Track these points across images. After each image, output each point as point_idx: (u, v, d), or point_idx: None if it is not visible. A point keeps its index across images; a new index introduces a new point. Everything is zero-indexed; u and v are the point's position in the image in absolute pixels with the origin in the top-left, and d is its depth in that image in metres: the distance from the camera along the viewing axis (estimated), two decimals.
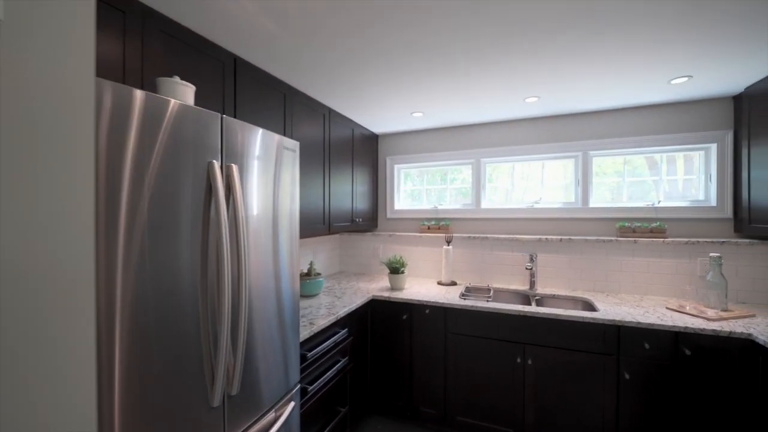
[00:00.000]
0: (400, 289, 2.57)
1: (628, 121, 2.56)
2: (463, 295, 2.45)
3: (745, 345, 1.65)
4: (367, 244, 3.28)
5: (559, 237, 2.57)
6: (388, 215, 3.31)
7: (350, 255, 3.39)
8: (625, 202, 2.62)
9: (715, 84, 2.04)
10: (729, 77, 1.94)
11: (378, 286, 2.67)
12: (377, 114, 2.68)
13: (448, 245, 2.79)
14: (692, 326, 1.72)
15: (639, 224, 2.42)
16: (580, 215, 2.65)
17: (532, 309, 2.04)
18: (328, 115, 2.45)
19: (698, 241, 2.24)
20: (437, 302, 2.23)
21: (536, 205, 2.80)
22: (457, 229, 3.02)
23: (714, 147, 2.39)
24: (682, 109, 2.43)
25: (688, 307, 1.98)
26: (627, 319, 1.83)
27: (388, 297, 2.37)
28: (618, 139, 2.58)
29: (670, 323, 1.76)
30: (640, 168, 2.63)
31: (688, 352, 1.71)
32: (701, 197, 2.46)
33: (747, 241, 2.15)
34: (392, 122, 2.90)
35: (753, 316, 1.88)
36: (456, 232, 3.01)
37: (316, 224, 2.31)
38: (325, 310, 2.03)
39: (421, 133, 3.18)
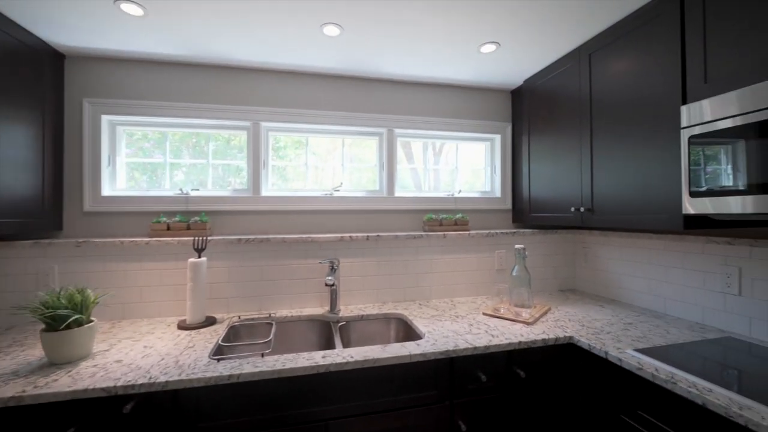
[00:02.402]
0: (73, 359, 1.19)
1: (432, 99, 2.22)
2: (218, 350, 1.37)
3: (566, 349, 1.43)
4: (27, 266, 1.62)
5: (366, 234, 1.92)
6: (88, 206, 1.77)
7: None
8: (428, 192, 2.29)
9: (517, 62, 1.89)
10: (531, 53, 1.79)
11: (17, 362, 1.18)
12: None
13: (199, 256, 1.63)
14: (524, 339, 1.36)
15: (445, 216, 2.10)
16: (386, 206, 2.11)
17: (336, 359, 1.22)
18: None
19: (496, 233, 2.09)
20: (155, 381, 1.06)
21: (336, 193, 2.07)
22: (223, 227, 1.89)
23: (498, 138, 2.37)
24: (476, 96, 2.29)
25: (502, 310, 1.71)
26: (461, 346, 1.31)
27: (22, 394, 0.98)
28: (422, 119, 2.19)
29: (504, 341, 1.35)
30: (435, 154, 2.35)
31: (522, 375, 1.34)
32: (487, 188, 2.42)
33: (530, 231, 2.16)
34: (90, 23, 1.45)
35: (549, 309, 1.79)
36: (220, 233, 1.88)
37: None
38: None
39: (156, 67, 1.85)
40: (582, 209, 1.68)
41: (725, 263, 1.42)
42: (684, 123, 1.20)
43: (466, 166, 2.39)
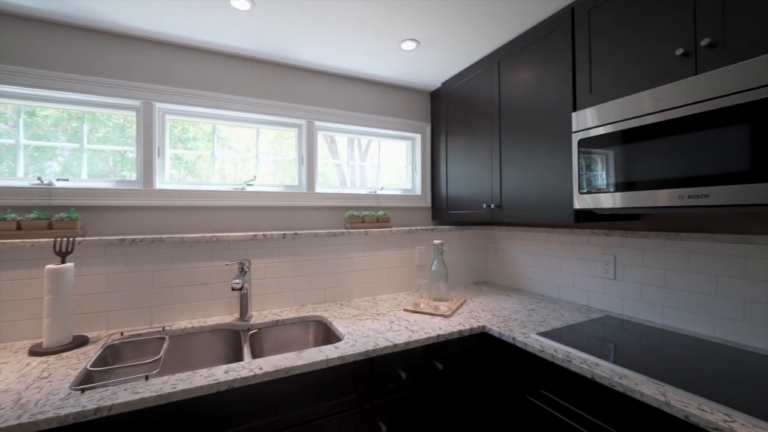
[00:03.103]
0: None
1: (354, 94, 2.17)
2: (86, 377, 1.11)
3: (480, 338, 1.50)
4: None
5: (283, 232, 1.77)
6: None
7: None
8: (350, 189, 2.23)
9: (436, 64, 1.94)
10: (449, 56, 1.85)
11: None
12: None
13: (63, 261, 1.31)
14: (442, 332, 1.38)
15: (367, 213, 2.06)
16: (306, 202, 1.99)
17: (242, 373, 1.08)
18: None
19: (416, 229, 2.13)
20: None
21: (249, 188, 1.87)
22: (104, 226, 1.56)
23: (419, 137, 2.43)
24: (397, 94, 2.31)
25: (422, 305, 1.73)
26: (381, 344, 1.27)
27: None
28: (343, 112, 2.12)
29: (422, 335, 1.35)
30: (362, 152, 2.32)
31: (440, 367, 1.36)
32: (408, 186, 2.46)
33: (447, 227, 2.25)
34: None
35: (465, 301, 1.87)
36: (97, 233, 1.54)
37: None
38: None
39: (11, 20, 1.44)
40: (492, 206, 1.80)
41: (604, 252, 1.65)
42: (574, 128, 1.35)
43: (389, 164, 2.40)
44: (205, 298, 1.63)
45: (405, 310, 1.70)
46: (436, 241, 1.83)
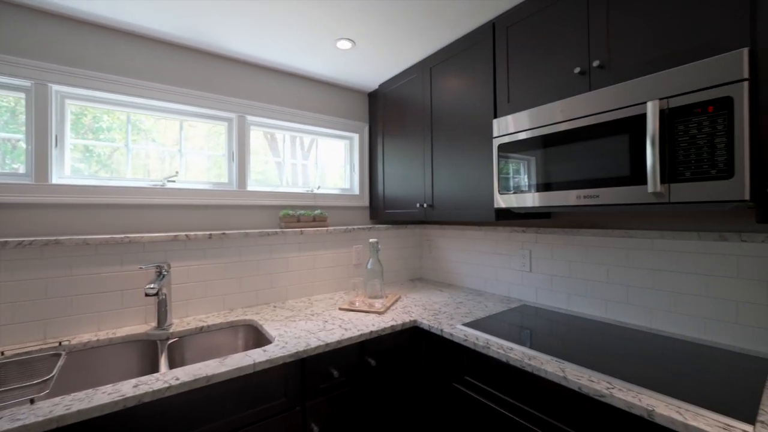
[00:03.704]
0: None
1: (290, 90, 2.11)
2: None
3: (412, 332, 1.55)
4: None
5: (209, 233, 1.66)
6: None
7: None
8: (285, 187, 2.16)
9: (372, 65, 1.96)
10: (385, 58, 1.89)
11: None
12: None
13: None
14: (375, 328, 1.41)
15: (303, 212, 2.02)
16: (237, 201, 1.88)
17: (155, 385, 0.99)
18: None
19: (353, 228, 2.14)
20: None
21: (171, 185, 1.72)
22: None
23: (357, 137, 2.45)
24: (336, 93, 2.30)
25: (358, 303, 1.74)
26: (312, 344, 1.25)
27: None
28: (279, 108, 2.06)
29: (355, 333, 1.36)
30: (304, 151, 2.26)
31: (373, 363, 1.38)
32: (347, 186, 2.47)
33: (384, 226, 2.30)
34: None
35: (399, 297, 1.92)
36: None
37: None
38: None
39: None
40: (425, 205, 1.88)
41: (522, 247, 1.82)
42: (495, 134, 1.46)
43: (330, 164, 2.38)
44: (114, 306, 1.45)
45: (340, 309, 1.70)
46: (371, 240, 1.86)
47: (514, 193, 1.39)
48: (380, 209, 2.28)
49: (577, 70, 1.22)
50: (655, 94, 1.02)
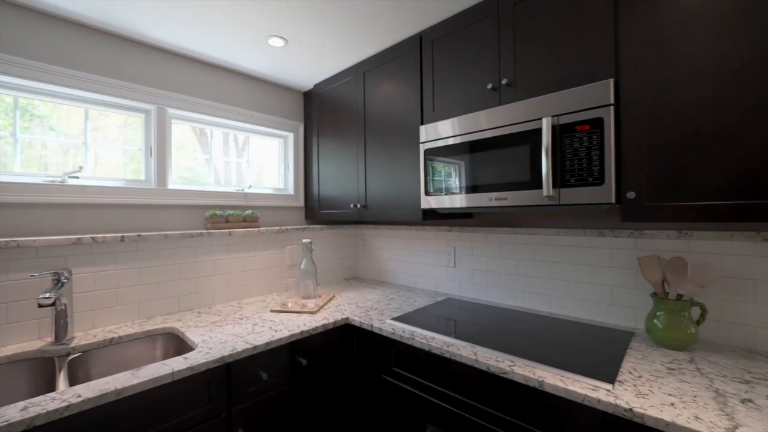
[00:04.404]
0: None
1: (220, 85, 2.01)
2: None
3: (344, 330, 1.59)
4: None
5: (121, 235, 1.51)
6: None
7: None
8: (213, 186, 2.05)
9: (306, 65, 1.95)
10: (319, 59, 1.89)
11: None
12: None
13: None
14: (306, 328, 1.42)
15: (232, 212, 1.93)
16: (156, 200, 1.74)
17: (49, 405, 0.89)
18: None
19: (287, 229, 2.11)
20: None
21: (73, 181, 1.53)
22: None
23: (291, 137, 2.41)
24: (269, 91, 2.24)
25: (290, 304, 1.73)
26: (239, 348, 1.22)
27: None
28: (208, 102, 1.95)
29: (286, 334, 1.36)
30: (215, 146, 2.16)
31: (304, 363, 1.39)
32: (281, 185, 2.42)
33: (319, 226, 2.30)
34: None
35: (333, 297, 1.95)
36: None
37: None
38: None
39: None
40: (359, 206, 1.93)
41: (447, 245, 1.97)
42: (422, 139, 1.57)
43: (265, 163, 2.30)
44: None
45: (272, 311, 1.67)
46: (305, 240, 1.85)
47: (439, 194, 1.51)
48: (316, 209, 2.28)
49: (489, 86, 1.37)
50: (549, 111, 1.19)
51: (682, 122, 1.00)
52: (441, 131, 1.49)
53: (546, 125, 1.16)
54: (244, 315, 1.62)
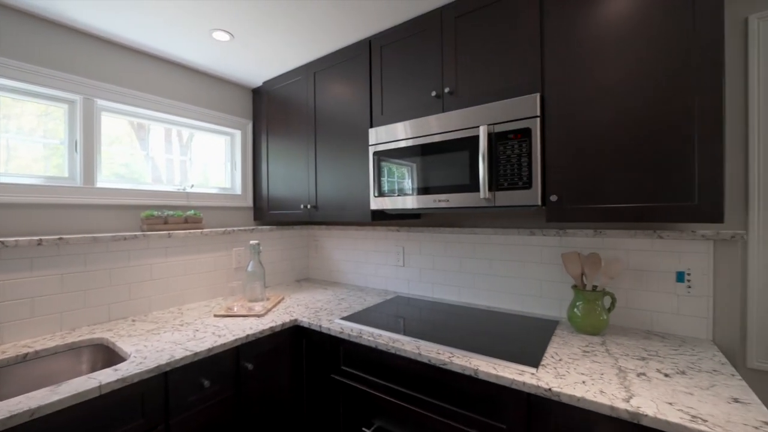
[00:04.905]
0: None
1: (159, 77, 1.88)
2: None
3: (293, 331, 1.57)
4: None
5: (38, 238, 1.36)
6: None
7: None
8: (150, 185, 1.92)
9: (254, 61, 1.90)
10: (267, 56, 1.85)
11: None
12: None
13: None
14: (252, 332, 1.39)
15: (172, 213, 1.83)
16: (82, 199, 1.59)
17: None
18: None
19: (234, 230, 2.03)
20: None
21: None
22: None
23: (239, 134, 2.33)
24: (215, 86, 2.14)
25: (236, 308, 1.67)
26: (178, 356, 1.16)
27: None
28: (145, 95, 1.82)
29: (230, 338, 1.32)
30: (156, 142, 2.04)
31: (250, 367, 1.36)
32: (228, 185, 2.33)
33: (269, 227, 2.25)
34: None
35: (283, 299, 1.92)
36: None
37: None
38: None
39: None
40: (309, 206, 1.92)
41: (396, 245, 2.03)
42: (371, 142, 1.61)
43: (212, 161, 2.19)
44: None
45: (215, 315, 1.61)
46: (252, 242, 1.81)
47: (387, 196, 1.55)
48: (265, 210, 2.22)
49: (433, 93, 1.45)
50: (485, 120, 1.29)
51: (594, 135, 1.14)
52: (389, 134, 1.54)
53: (483, 133, 1.26)
54: (184, 321, 1.54)
